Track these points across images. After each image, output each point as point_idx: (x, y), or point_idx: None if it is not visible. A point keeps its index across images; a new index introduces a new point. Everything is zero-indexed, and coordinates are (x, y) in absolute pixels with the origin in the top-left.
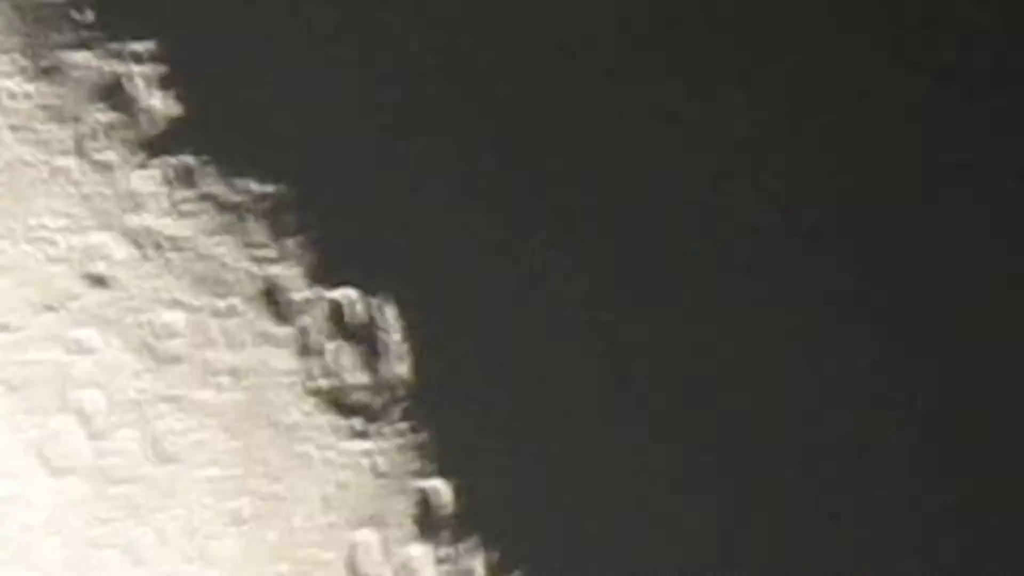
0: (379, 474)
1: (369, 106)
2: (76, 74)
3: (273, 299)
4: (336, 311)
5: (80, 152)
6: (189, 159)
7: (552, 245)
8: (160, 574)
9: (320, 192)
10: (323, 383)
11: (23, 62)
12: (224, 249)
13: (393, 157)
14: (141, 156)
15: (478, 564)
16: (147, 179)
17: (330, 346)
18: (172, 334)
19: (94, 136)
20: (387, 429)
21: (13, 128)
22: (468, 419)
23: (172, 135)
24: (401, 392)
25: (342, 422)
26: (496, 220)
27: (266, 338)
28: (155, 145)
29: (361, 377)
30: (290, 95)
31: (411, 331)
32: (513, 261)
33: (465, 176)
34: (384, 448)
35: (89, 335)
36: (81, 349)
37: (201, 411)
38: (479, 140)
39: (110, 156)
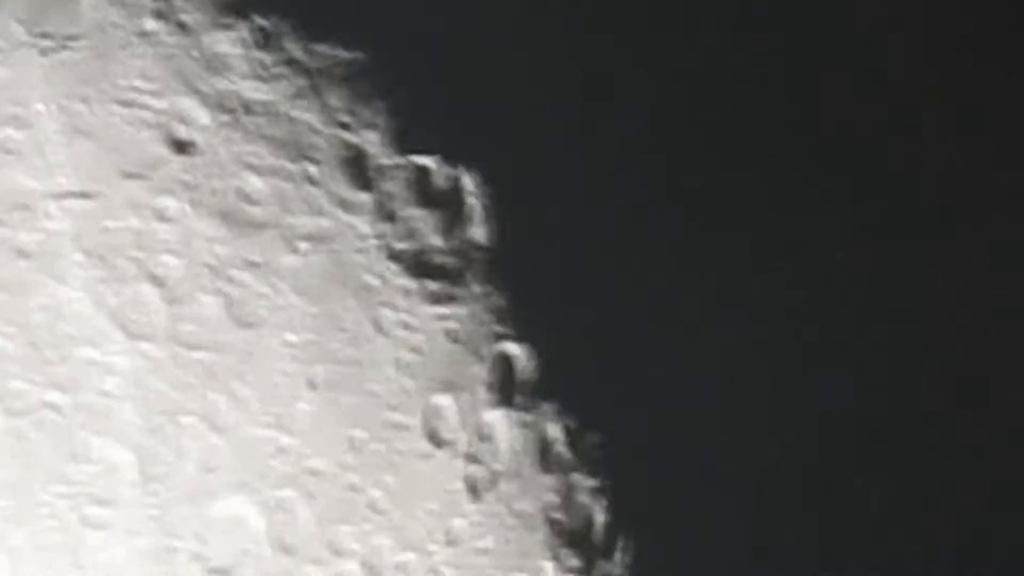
0: (456, 339)
1: None
2: None
3: (354, 165)
4: (417, 177)
5: (163, 14)
6: (269, 22)
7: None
8: (237, 440)
9: (400, 58)
10: (402, 247)
11: None
12: (305, 114)
13: (474, 21)
14: (223, 18)
15: (555, 430)
16: (229, 42)
17: (410, 212)
18: (252, 200)
19: None
20: (464, 293)
21: None
22: (545, 284)
23: None
24: (479, 257)
25: (420, 286)
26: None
27: (346, 204)
28: (237, 8)
29: (440, 241)
30: None
31: (491, 197)
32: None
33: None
34: (461, 313)
35: (170, 202)
36: (162, 217)
37: (280, 276)
38: None
39: (193, 18)
